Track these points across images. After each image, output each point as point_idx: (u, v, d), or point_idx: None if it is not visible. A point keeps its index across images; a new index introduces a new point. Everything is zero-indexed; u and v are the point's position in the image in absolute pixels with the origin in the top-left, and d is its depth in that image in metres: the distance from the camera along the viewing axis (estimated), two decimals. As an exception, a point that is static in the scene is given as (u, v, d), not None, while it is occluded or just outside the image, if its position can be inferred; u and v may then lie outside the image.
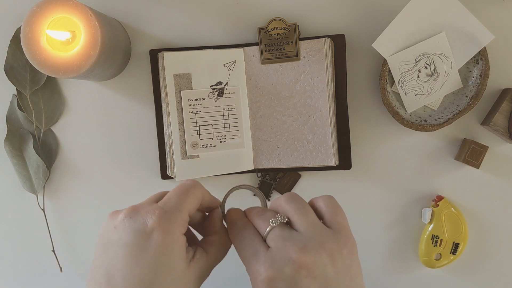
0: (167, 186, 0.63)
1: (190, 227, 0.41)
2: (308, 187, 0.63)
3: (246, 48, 0.60)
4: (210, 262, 0.37)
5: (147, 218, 0.33)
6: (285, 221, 0.36)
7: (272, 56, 0.59)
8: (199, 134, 0.60)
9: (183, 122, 0.59)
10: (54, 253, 0.64)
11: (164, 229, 0.32)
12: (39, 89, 0.62)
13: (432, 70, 0.57)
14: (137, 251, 0.32)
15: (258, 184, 0.62)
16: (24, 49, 0.51)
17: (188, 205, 0.35)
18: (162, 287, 0.32)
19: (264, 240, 0.36)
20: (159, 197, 0.38)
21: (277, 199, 0.38)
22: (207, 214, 0.42)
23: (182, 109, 0.59)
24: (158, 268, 0.32)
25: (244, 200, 0.64)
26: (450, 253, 0.60)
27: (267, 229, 0.35)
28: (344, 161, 0.60)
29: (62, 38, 0.52)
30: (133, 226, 0.33)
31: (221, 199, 0.44)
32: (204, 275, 0.36)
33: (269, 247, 0.35)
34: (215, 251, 0.38)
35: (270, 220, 0.36)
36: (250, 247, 0.35)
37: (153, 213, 0.33)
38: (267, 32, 0.59)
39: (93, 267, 0.34)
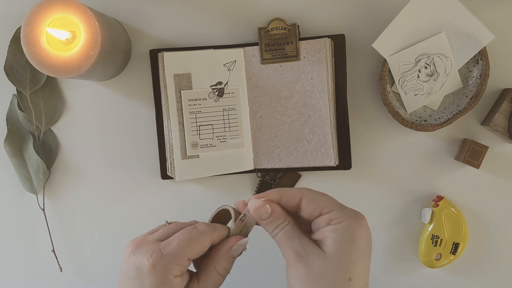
0: (167, 186, 0.63)
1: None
2: (308, 187, 0.63)
3: (246, 48, 0.60)
4: None
5: (146, 258, 0.36)
6: None
7: (272, 56, 0.59)
8: (199, 134, 0.60)
9: (183, 122, 0.59)
10: (54, 253, 0.64)
11: (157, 272, 0.36)
12: (39, 89, 0.62)
13: (432, 70, 0.57)
14: (137, 286, 0.37)
15: (258, 184, 0.62)
16: (24, 49, 0.51)
17: (188, 253, 0.37)
18: None
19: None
20: (167, 232, 0.39)
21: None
22: None
23: (182, 109, 0.59)
24: None
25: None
26: (450, 253, 0.60)
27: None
28: (344, 161, 0.60)
29: (62, 38, 0.52)
30: (134, 263, 0.37)
31: (220, 202, 0.44)
32: None
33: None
34: (211, 283, 0.39)
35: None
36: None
37: (151, 254, 0.36)
38: (267, 32, 0.59)
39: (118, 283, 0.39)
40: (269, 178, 0.62)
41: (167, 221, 0.41)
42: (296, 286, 0.35)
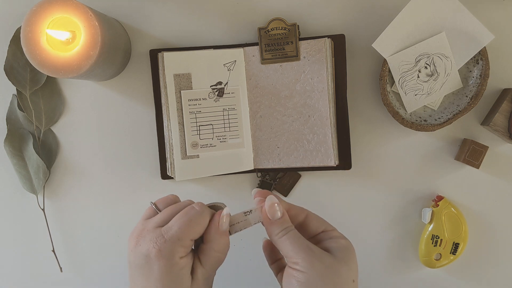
0: (167, 186, 0.63)
1: None
2: (308, 187, 0.63)
3: (246, 48, 0.60)
4: (210, 272, 0.42)
5: (152, 246, 0.39)
6: None
7: (272, 56, 0.59)
8: (199, 134, 0.60)
9: (183, 122, 0.59)
10: (54, 253, 0.64)
11: (163, 256, 0.38)
12: (39, 89, 0.62)
13: (432, 70, 0.57)
14: (147, 272, 0.39)
15: (258, 184, 0.62)
16: (24, 49, 0.51)
17: (190, 234, 0.40)
18: None
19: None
20: (165, 217, 0.41)
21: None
22: None
23: (182, 109, 0.59)
24: (165, 285, 0.39)
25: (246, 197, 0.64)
26: (450, 253, 0.60)
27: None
28: (344, 161, 0.60)
29: (62, 38, 0.52)
30: (141, 252, 0.39)
31: (220, 201, 0.45)
32: (208, 281, 0.42)
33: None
34: (212, 262, 0.42)
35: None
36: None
37: (156, 241, 0.39)
38: (267, 32, 0.59)
39: (129, 275, 0.42)
40: (269, 178, 0.62)
41: (152, 203, 0.43)
42: (308, 281, 0.38)
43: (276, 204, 0.41)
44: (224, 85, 0.60)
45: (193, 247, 0.42)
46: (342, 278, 0.38)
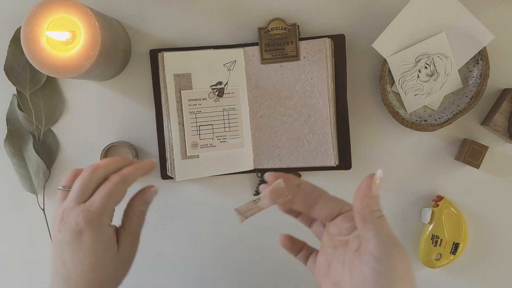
0: (167, 186, 0.63)
1: None
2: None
3: (246, 48, 0.60)
4: (132, 237, 0.46)
5: (79, 219, 0.41)
6: None
7: (272, 56, 0.59)
8: (199, 134, 0.60)
9: (183, 122, 0.59)
10: (54, 253, 0.64)
11: (93, 226, 0.42)
12: (39, 89, 0.62)
13: (432, 70, 0.57)
14: (77, 245, 0.42)
15: (258, 184, 0.62)
16: (24, 49, 0.51)
17: (111, 203, 0.43)
18: (102, 264, 0.43)
19: None
20: (84, 194, 0.43)
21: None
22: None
23: (182, 109, 0.59)
24: (96, 254, 0.42)
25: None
26: (450, 253, 0.60)
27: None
28: (344, 161, 0.60)
29: (62, 39, 0.52)
30: (70, 228, 0.42)
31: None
32: (132, 247, 0.46)
33: None
34: (135, 225, 0.46)
35: None
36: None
37: (82, 215, 0.42)
38: (267, 32, 0.59)
39: (53, 260, 0.44)
40: (269, 178, 0.62)
41: (59, 187, 0.46)
42: (386, 272, 0.35)
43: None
44: (224, 85, 0.60)
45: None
46: (411, 275, 0.35)
